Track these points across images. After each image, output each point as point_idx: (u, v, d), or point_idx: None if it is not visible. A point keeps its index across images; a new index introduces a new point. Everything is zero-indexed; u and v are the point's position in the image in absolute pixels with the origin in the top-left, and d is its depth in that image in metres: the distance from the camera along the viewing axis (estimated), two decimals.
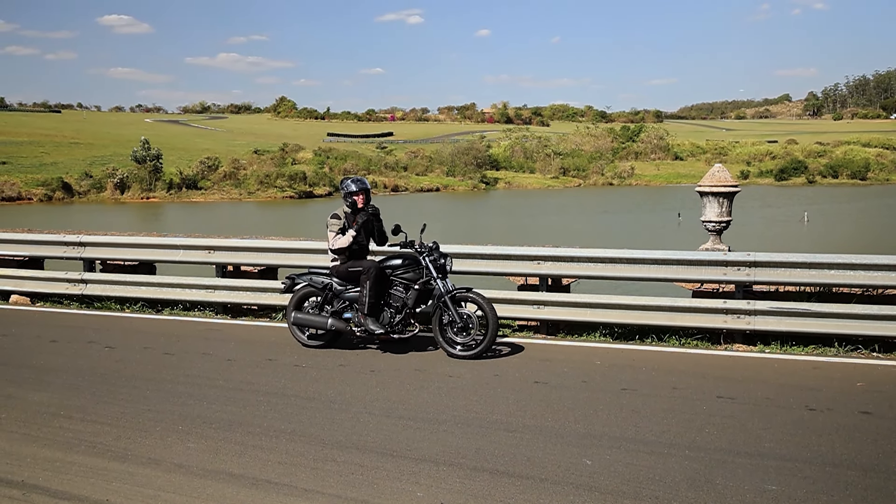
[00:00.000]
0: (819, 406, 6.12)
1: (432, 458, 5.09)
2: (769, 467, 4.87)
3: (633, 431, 5.57)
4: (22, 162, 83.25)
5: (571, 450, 5.21)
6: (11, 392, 6.66)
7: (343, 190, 8.23)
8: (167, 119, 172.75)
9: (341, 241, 8.06)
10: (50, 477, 4.81)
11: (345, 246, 8.05)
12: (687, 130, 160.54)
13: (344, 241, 8.05)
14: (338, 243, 8.08)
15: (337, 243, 8.08)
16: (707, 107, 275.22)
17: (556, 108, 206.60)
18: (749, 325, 8.09)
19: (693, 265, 8.35)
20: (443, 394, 6.58)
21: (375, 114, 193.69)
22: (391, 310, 8.00)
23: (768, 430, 5.56)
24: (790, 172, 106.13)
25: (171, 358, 7.92)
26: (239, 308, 10.19)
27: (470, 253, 9.06)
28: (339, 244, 8.07)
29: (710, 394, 6.48)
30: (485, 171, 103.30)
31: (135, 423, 5.84)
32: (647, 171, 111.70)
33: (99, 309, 10.52)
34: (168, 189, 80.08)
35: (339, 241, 8.07)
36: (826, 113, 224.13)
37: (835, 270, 7.90)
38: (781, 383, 6.80)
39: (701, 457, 5.05)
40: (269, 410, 6.12)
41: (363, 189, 8.21)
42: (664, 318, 8.37)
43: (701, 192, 9.41)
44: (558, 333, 8.90)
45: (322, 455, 5.15)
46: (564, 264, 8.76)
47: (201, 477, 4.80)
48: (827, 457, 5.06)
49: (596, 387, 6.75)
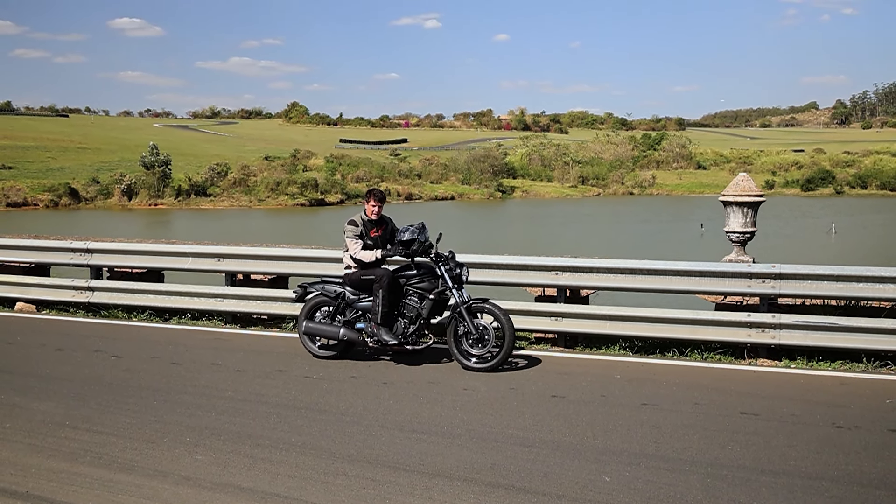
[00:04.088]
0: (846, 423, 6.02)
1: (446, 473, 5.02)
2: (794, 486, 4.79)
3: (654, 448, 5.49)
4: (28, 167, 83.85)
5: (590, 466, 5.13)
6: (16, 401, 6.62)
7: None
8: (176, 124, 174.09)
9: (366, 255, 7.95)
10: (55, 488, 4.78)
11: (370, 260, 7.94)
12: (710, 138, 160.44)
13: (369, 255, 7.95)
14: (361, 255, 7.96)
15: (360, 255, 7.97)
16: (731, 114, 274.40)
17: (575, 114, 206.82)
18: (774, 339, 7.97)
19: (716, 277, 8.24)
20: (457, 407, 6.50)
21: (389, 120, 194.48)
22: (405, 320, 7.88)
23: (793, 447, 5.48)
24: (817, 182, 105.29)
25: (179, 368, 7.86)
26: (249, 317, 10.10)
27: (486, 263, 8.95)
28: (363, 257, 7.95)
29: (733, 410, 6.39)
30: (501, 179, 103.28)
31: (142, 434, 5.79)
32: (669, 180, 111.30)
33: (106, 317, 10.47)
34: (176, 195, 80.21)
35: (363, 254, 7.96)
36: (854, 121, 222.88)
37: (863, 283, 7.78)
38: (807, 399, 6.72)
39: (723, 475, 4.96)
40: (280, 423, 6.06)
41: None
42: (686, 331, 8.27)
43: (725, 201, 9.34)
44: (577, 346, 8.80)
45: (333, 469, 5.10)
46: (583, 275, 8.65)
47: (209, 490, 4.76)
48: (854, 476, 4.97)
49: (615, 401, 6.67)
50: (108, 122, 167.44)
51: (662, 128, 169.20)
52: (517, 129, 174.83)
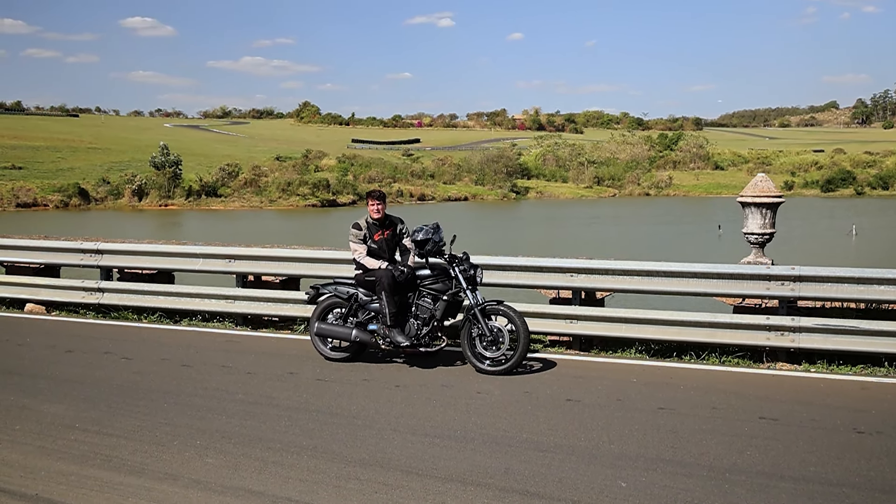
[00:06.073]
0: (867, 429, 5.95)
1: (459, 477, 4.98)
2: (814, 492, 4.74)
3: (671, 453, 5.45)
4: (38, 167, 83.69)
5: (605, 471, 5.09)
6: (26, 403, 6.61)
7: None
8: (187, 124, 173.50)
9: (369, 262, 7.92)
10: (64, 491, 4.79)
11: (373, 268, 7.90)
12: (728, 139, 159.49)
13: (373, 263, 7.91)
14: (365, 262, 7.94)
15: (364, 261, 7.95)
16: (749, 114, 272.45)
17: (591, 114, 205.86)
18: (793, 342, 7.89)
19: (734, 279, 8.16)
20: (471, 411, 6.46)
21: (402, 120, 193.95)
22: (418, 321, 7.82)
23: (813, 453, 5.42)
24: (837, 183, 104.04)
25: (190, 370, 7.84)
26: (260, 319, 10.06)
27: (500, 264, 8.90)
28: (367, 264, 7.92)
29: (751, 414, 6.34)
30: (515, 179, 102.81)
31: (152, 436, 5.78)
32: (686, 180, 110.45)
33: (115, 319, 10.45)
34: (187, 196, 79.82)
35: (367, 261, 7.94)
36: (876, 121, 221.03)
37: (885, 286, 7.70)
38: (827, 404, 6.66)
39: (742, 480, 4.92)
40: (291, 426, 6.04)
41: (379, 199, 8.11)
42: (703, 334, 8.19)
43: (743, 202, 9.28)
44: (592, 349, 8.74)
45: (345, 473, 5.08)
46: (599, 277, 8.59)
47: (220, 493, 4.76)
48: (876, 482, 4.92)
49: (631, 405, 6.61)
50: (118, 122, 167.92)
51: (679, 128, 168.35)
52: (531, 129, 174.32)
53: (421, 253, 7.87)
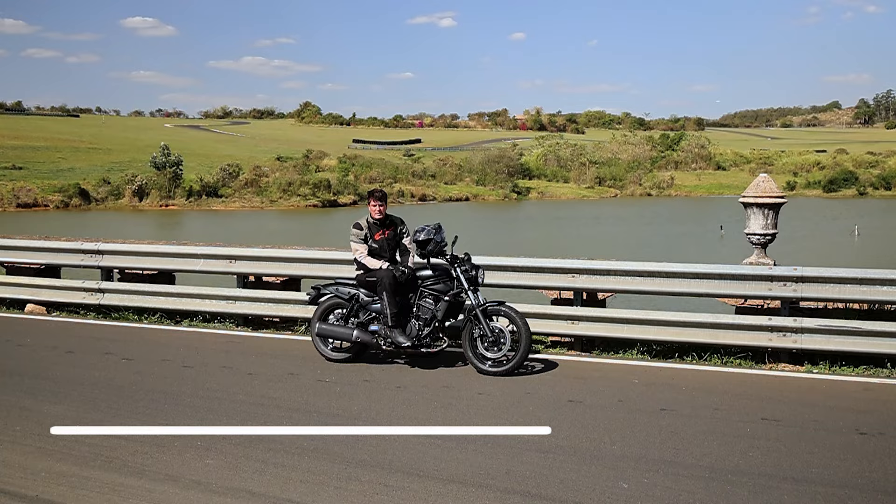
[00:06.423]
0: (870, 430, 5.94)
1: (460, 478, 4.97)
2: (817, 494, 4.73)
3: (673, 454, 5.44)
4: (39, 167, 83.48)
5: (607, 472, 5.08)
6: (26, 404, 6.60)
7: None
8: (188, 124, 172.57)
9: (370, 262, 7.91)
10: (65, 492, 4.77)
11: (374, 268, 7.89)
12: (730, 139, 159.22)
13: (374, 263, 7.90)
14: (366, 261, 7.94)
15: (365, 261, 7.95)
16: (751, 114, 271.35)
17: (592, 114, 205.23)
18: (796, 343, 7.88)
19: (736, 280, 8.15)
20: (472, 412, 6.44)
21: (403, 120, 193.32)
22: (419, 322, 7.81)
23: (816, 454, 5.42)
24: (840, 183, 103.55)
25: (190, 371, 7.83)
26: (260, 320, 10.05)
27: (501, 265, 8.89)
28: (369, 264, 7.92)
29: (754, 415, 6.33)
30: (516, 180, 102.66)
31: (152, 437, 5.75)
32: (688, 181, 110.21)
33: (116, 319, 10.44)
34: (188, 196, 79.52)
35: (368, 261, 7.93)
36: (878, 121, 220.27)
37: (887, 287, 7.69)
38: (830, 405, 6.65)
39: (744, 482, 4.91)
40: (291, 426, 6.00)
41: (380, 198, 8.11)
42: (705, 335, 8.18)
43: (745, 203, 9.30)
44: (593, 350, 8.73)
45: (346, 474, 5.06)
46: (600, 278, 8.58)
47: (220, 495, 4.73)
48: (879, 483, 4.91)
49: (633, 406, 6.59)
50: (119, 122, 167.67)
51: (681, 128, 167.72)
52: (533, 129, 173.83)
53: (423, 253, 7.86)
